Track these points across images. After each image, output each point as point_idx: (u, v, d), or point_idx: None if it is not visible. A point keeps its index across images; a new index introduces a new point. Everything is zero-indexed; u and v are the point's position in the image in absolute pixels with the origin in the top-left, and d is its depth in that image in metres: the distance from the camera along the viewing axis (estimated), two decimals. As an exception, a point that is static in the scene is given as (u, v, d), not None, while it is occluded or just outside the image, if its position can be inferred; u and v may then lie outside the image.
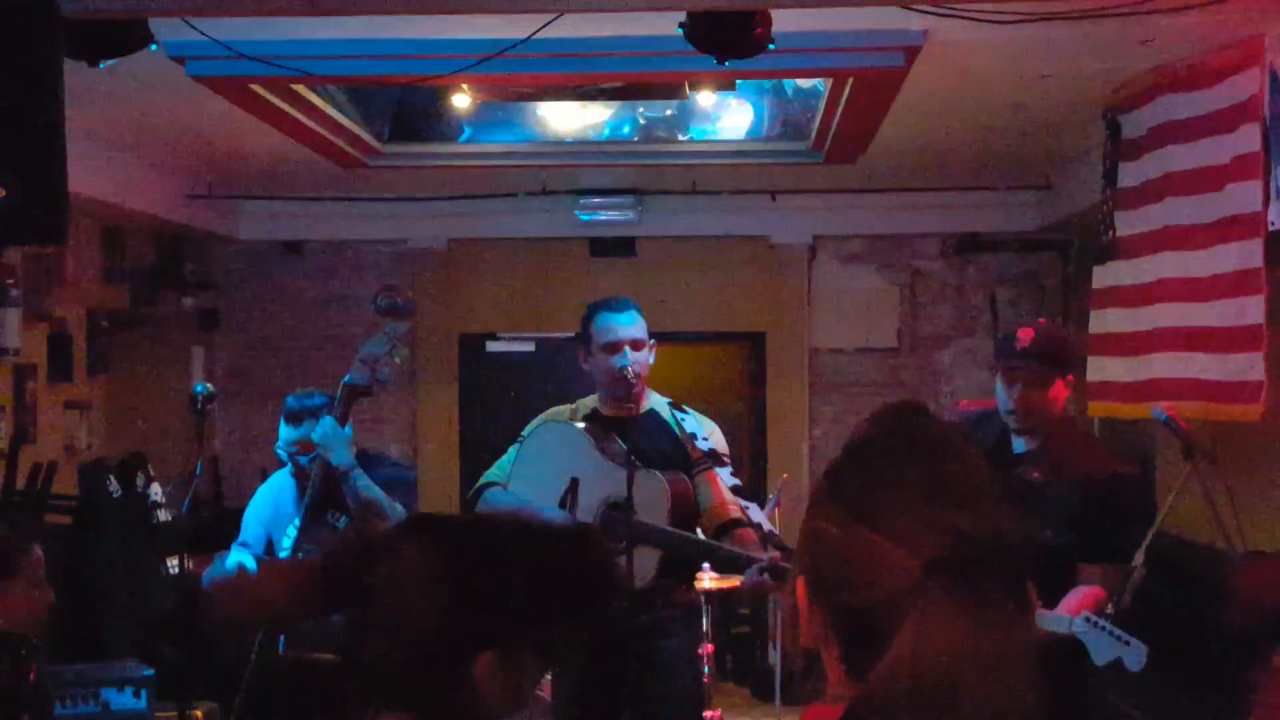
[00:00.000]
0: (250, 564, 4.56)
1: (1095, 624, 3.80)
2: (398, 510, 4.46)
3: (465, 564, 1.66)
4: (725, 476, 4.39)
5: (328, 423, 4.46)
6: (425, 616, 1.63)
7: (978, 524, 1.24)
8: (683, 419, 4.46)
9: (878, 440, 1.36)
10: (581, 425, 4.46)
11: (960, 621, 1.18)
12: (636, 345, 4.38)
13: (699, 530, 4.50)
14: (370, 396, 4.60)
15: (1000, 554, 1.25)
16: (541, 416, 4.63)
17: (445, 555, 1.67)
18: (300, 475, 4.68)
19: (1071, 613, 3.85)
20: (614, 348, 4.37)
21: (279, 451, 4.70)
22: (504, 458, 4.57)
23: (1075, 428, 4.31)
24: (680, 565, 4.37)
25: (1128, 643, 3.79)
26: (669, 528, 4.25)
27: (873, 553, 1.26)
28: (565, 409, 4.60)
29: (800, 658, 1.36)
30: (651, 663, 4.28)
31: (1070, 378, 4.17)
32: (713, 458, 4.39)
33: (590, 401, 4.56)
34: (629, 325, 4.40)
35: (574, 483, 4.33)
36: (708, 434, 4.46)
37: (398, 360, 4.53)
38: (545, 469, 4.42)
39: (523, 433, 4.59)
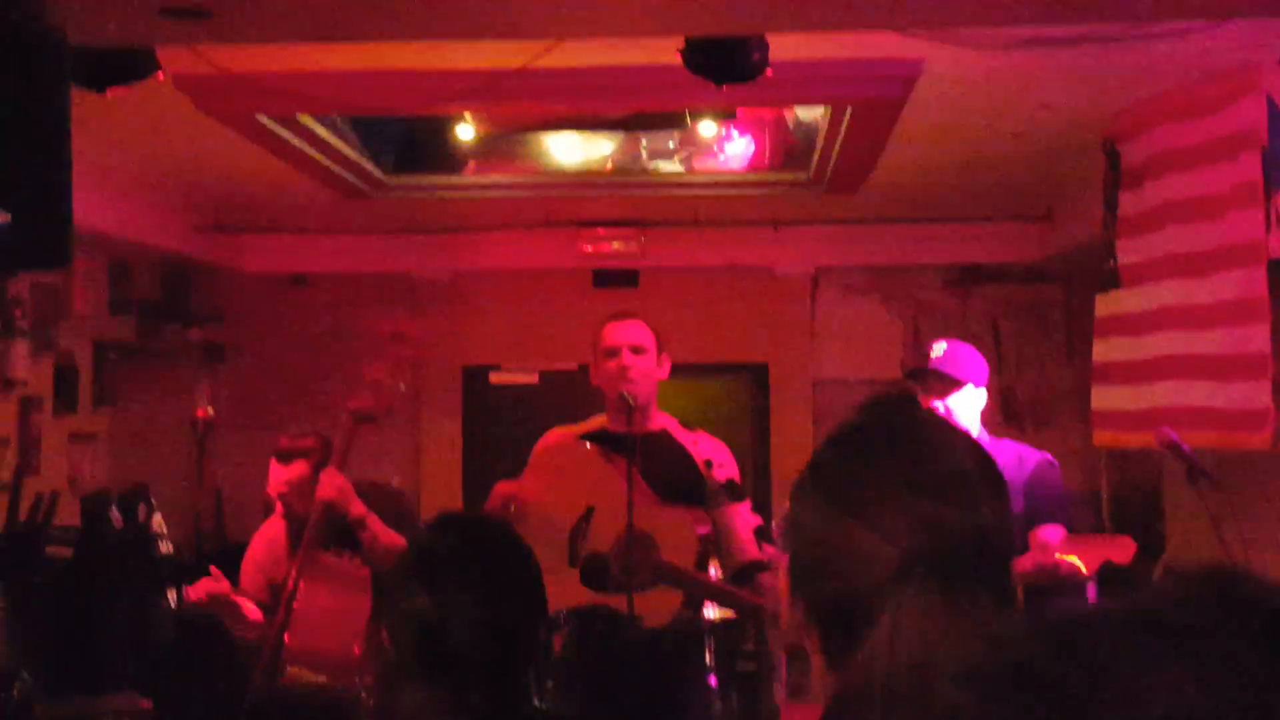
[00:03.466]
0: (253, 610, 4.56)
1: (1076, 538, 4.05)
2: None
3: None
4: (746, 514, 4.37)
5: (336, 480, 4.41)
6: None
7: (958, 516, 1.24)
8: (695, 442, 4.45)
9: (861, 430, 1.35)
10: (595, 446, 4.39)
11: (937, 614, 1.17)
12: (636, 350, 4.39)
13: (714, 567, 4.47)
14: (374, 422, 4.60)
15: (980, 547, 1.24)
16: (548, 439, 4.58)
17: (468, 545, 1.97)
18: (291, 517, 4.64)
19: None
20: (612, 352, 4.39)
21: (270, 493, 4.68)
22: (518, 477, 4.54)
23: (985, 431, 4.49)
24: (699, 605, 4.35)
25: (1110, 539, 4.05)
26: (691, 571, 4.21)
27: (852, 542, 1.25)
28: (573, 429, 4.56)
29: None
30: (658, 690, 4.25)
31: (982, 389, 4.51)
32: (731, 490, 4.37)
33: (599, 419, 4.53)
34: (628, 331, 4.43)
35: (589, 511, 4.26)
36: (722, 460, 4.44)
37: (401, 387, 4.52)
38: (557, 492, 4.32)
39: (534, 451, 4.54)
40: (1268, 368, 4.72)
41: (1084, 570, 3.90)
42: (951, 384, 4.42)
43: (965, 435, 1.37)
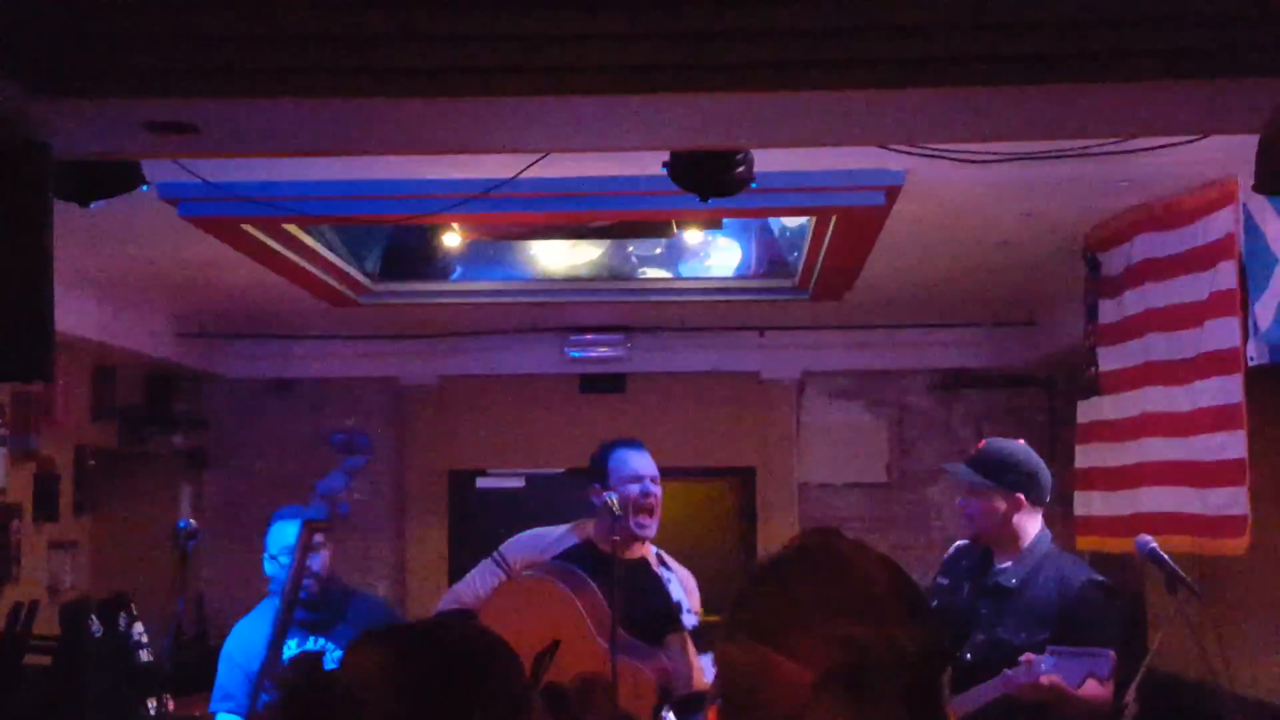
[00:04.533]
0: None
1: (1060, 652, 3.88)
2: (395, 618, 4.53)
3: (417, 663, 1.72)
4: (708, 663, 4.38)
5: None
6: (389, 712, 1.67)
7: (872, 635, 1.23)
8: (669, 579, 4.50)
9: (780, 562, 1.36)
10: (569, 587, 4.39)
11: None
12: (655, 481, 4.54)
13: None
14: (329, 531, 4.61)
15: (899, 666, 1.23)
16: (529, 544, 4.61)
17: (400, 657, 1.73)
18: (287, 586, 4.60)
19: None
20: (638, 478, 4.49)
21: (269, 561, 4.68)
22: (479, 574, 4.57)
23: (1050, 546, 4.40)
24: None
25: (1095, 655, 3.86)
26: None
27: (771, 671, 1.25)
28: (557, 532, 4.60)
29: None
30: None
31: (1019, 495, 4.30)
32: (698, 638, 4.43)
33: (584, 528, 4.57)
34: (649, 464, 4.57)
35: (555, 645, 4.31)
36: (691, 604, 4.52)
37: (356, 495, 4.58)
38: (524, 620, 4.33)
39: (503, 550, 4.58)
40: (1245, 474, 4.73)
41: (1068, 689, 3.85)
42: (978, 489, 4.33)
43: (885, 562, 1.36)
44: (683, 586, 4.51)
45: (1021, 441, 4.50)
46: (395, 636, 1.81)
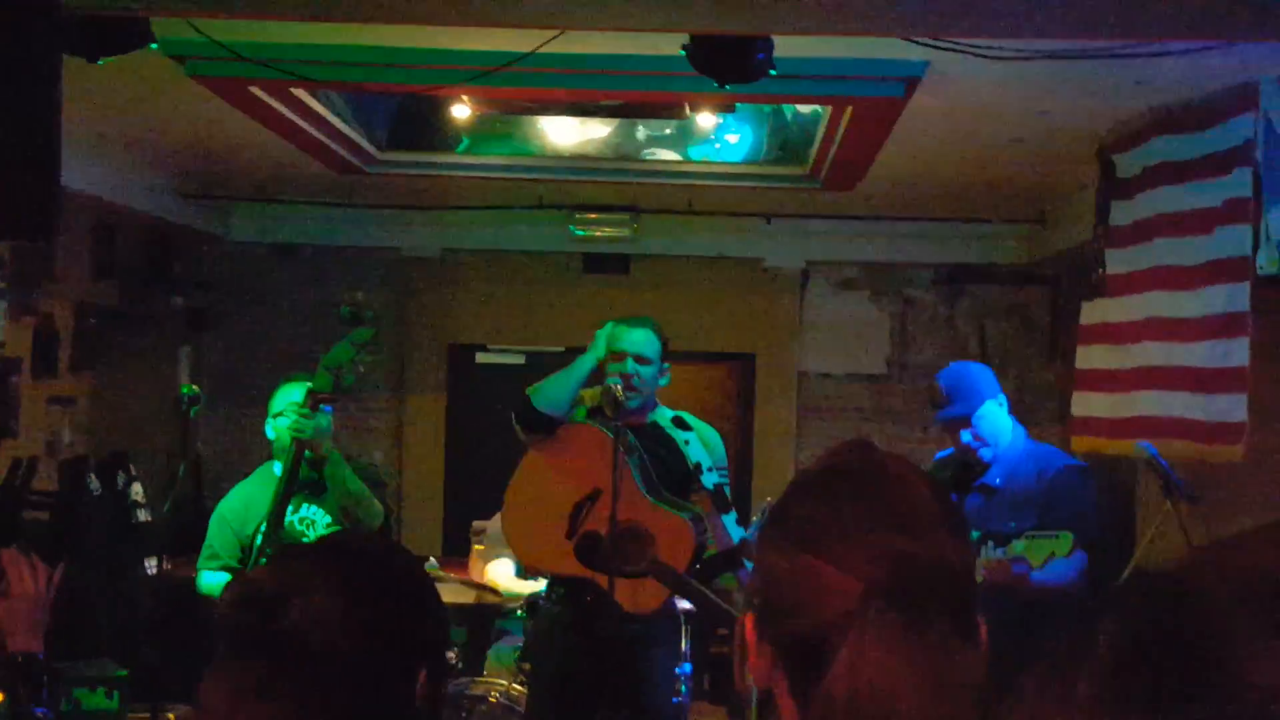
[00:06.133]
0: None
1: (1032, 535, 4.01)
2: (375, 507, 4.52)
3: (369, 603, 1.68)
4: (731, 524, 4.40)
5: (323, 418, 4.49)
6: (357, 642, 1.64)
7: (920, 549, 1.24)
8: (687, 438, 4.50)
9: (823, 473, 1.36)
10: (612, 432, 4.38)
11: (898, 646, 1.17)
12: (641, 360, 4.50)
13: None
14: (334, 403, 4.61)
15: (943, 580, 1.24)
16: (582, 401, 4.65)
17: (352, 595, 1.68)
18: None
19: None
20: (619, 356, 4.48)
21: (272, 423, 4.68)
22: None
23: (1025, 440, 4.47)
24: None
25: (1055, 536, 3.96)
26: (682, 575, 4.30)
27: (815, 579, 1.25)
28: (590, 393, 4.62)
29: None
30: (633, 670, 4.33)
31: (1001, 396, 4.45)
32: (718, 500, 4.41)
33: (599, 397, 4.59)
34: (636, 340, 4.52)
35: (596, 493, 4.37)
36: (713, 461, 4.51)
37: (361, 368, 4.56)
38: (566, 467, 4.47)
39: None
40: (1245, 382, 4.74)
41: (1033, 564, 3.93)
42: (962, 421, 4.39)
43: (922, 474, 1.36)
44: (705, 451, 4.52)
45: (952, 364, 4.63)
46: (347, 570, 1.73)
